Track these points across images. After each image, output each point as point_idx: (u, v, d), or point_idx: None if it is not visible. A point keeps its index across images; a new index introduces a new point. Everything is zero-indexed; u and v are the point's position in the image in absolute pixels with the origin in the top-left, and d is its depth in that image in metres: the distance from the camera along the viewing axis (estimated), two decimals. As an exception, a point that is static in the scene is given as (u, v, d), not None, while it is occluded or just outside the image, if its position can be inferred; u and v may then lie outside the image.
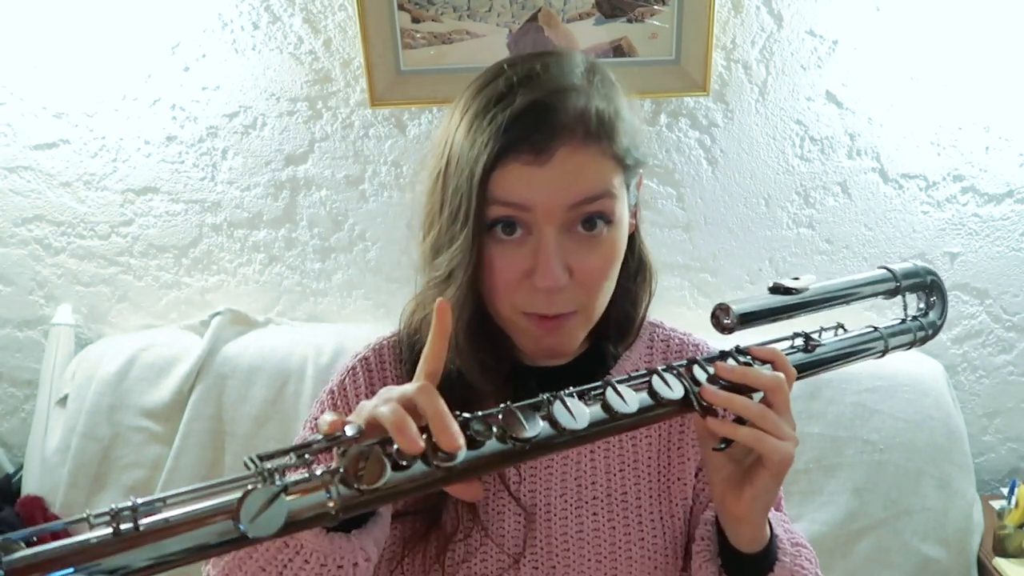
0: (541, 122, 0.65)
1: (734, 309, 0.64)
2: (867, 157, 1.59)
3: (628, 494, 0.79)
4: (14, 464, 1.85)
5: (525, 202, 0.65)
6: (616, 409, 0.57)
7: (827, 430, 1.49)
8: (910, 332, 0.75)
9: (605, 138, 0.67)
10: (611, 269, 0.70)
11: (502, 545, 0.76)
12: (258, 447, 1.59)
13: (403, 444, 0.50)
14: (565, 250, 0.67)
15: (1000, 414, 1.73)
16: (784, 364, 0.65)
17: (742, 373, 0.63)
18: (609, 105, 0.68)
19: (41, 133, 1.69)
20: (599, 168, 0.67)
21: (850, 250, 1.65)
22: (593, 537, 0.78)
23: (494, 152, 0.64)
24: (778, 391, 0.63)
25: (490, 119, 0.65)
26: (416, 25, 1.54)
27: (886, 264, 0.76)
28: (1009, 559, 1.46)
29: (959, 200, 1.61)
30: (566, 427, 0.55)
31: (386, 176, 1.67)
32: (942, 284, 0.78)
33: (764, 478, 0.63)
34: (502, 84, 0.67)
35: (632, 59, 1.54)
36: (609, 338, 0.80)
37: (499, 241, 0.68)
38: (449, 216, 0.69)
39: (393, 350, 0.82)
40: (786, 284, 0.68)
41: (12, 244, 1.78)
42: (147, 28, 1.60)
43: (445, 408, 0.52)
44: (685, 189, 1.64)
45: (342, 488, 0.49)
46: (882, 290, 0.74)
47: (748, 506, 0.65)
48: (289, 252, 1.75)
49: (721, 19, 1.52)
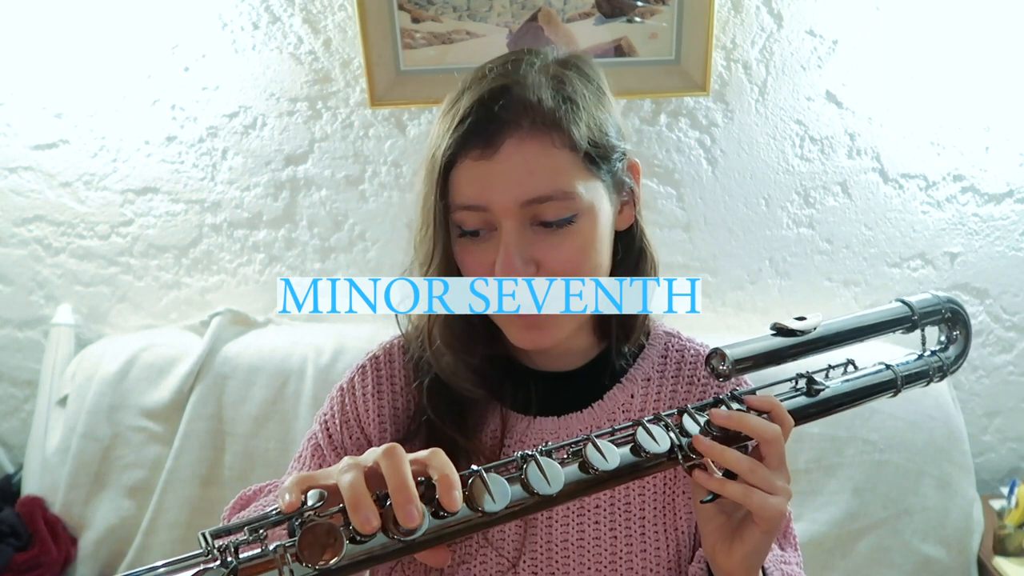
0: (487, 116, 0.65)
1: (729, 356, 0.60)
2: (867, 157, 1.59)
3: (632, 504, 0.78)
4: (14, 464, 1.85)
5: (481, 202, 0.66)
6: (595, 467, 0.54)
7: (827, 430, 1.49)
8: (926, 369, 0.69)
9: (553, 128, 0.65)
10: (583, 260, 0.69)
11: (500, 549, 0.76)
12: (258, 447, 1.59)
13: (357, 523, 0.48)
14: (528, 243, 0.67)
15: (1000, 414, 1.73)
16: (782, 415, 0.62)
17: (739, 420, 0.60)
18: (559, 95, 0.67)
19: (41, 133, 1.69)
20: (549, 160, 0.65)
21: (850, 250, 1.65)
22: (593, 545, 0.77)
23: (448, 150, 0.66)
24: (774, 443, 0.60)
25: (449, 116, 0.68)
26: (416, 25, 1.54)
27: (902, 297, 0.70)
28: (1009, 559, 1.46)
29: (959, 200, 1.61)
30: (539, 492, 0.53)
31: (386, 176, 1.67)
32: (965, 315, 0.71)
33: (755, 534, 0.61)
34: (462, 83, 0.70)
35: (632, 59, 1.54)
36: (615, 337, 0.80)
37: (468, 242, 0.70)
38: (423, 216, 0.71)
39: (403, 350, 0.82)
40: (789, 325, 0.63)
41: (12, 244, 1.78)
42: (147, 28, 1.60)
43: (407, 478, 0.50)
44: (685, 189, 1.64)
45: (296, 567, 0.47)
46: (898, 326, 0.68)
47: (739, 564, 0.62)
48: (289, 252, 1.75)
49: (721, 19, 1.52)
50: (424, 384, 0.77)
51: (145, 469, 1.62)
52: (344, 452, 0.81)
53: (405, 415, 0.80)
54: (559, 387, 0.79)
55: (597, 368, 0.80)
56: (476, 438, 0.76)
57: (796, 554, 0.83)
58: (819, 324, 0.63)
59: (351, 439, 0.81)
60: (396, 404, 0.80)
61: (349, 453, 0.80)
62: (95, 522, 1.62)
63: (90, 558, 1.61)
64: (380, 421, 0.80)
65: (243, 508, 0.79)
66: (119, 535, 1.62)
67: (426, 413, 0.77)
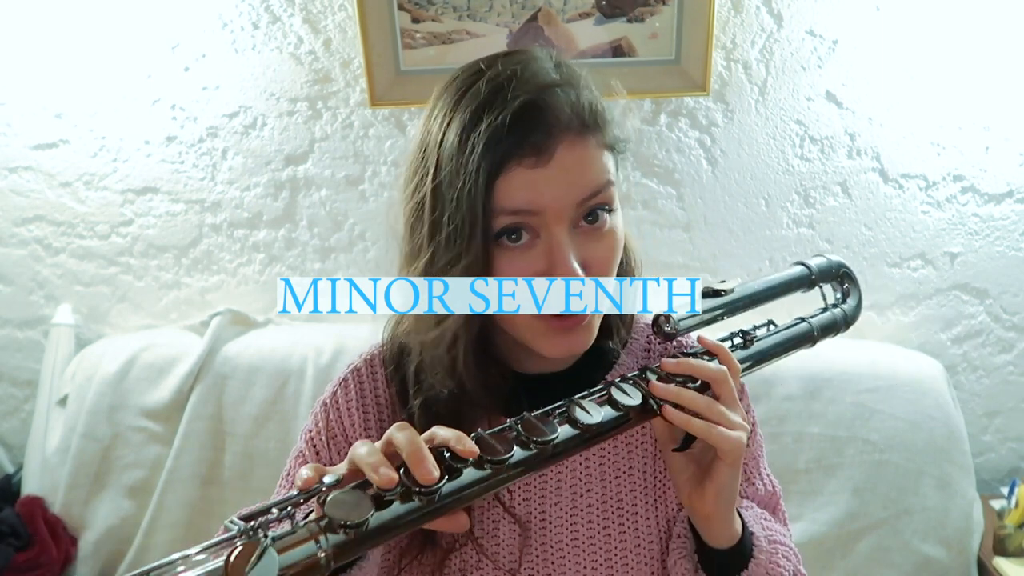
0: (538, 122, 0.64)
1: (674, 316, 0.68)
2: (867, 157, 1.59)
3: (623, 501, 0.78)
4: (14, 464, 1.86)
5: (533, 207, 0.64)
6: (583, 421, 0.60)
7: (827, 430, 1.49)
8: (834, 319, 0.80)
9: (598, 128, 0.67)
10: (617, 256, 0.70)
11: (498, 558, 0.76)
12: (258, 447, 1.59)
13: (378, 481, 0.51)
14: (576, 246, 0.66)
15: (1000, 414, 1.73)
16: (727, 357, 0.68)
17: (687, 365, 0.66)
18: (593, 94, 0.68)
19: (41, 133, 1.69)
20: (599, 159, 0.67)
21: (850, 250, 1.65)
22: (588, 545, 0.77)
23: (496, 160, 0.63)
24: (723, 382, 0.66)
25: (486, 127, 0.64)
26: (416, 25, 1.54)
27: (802, 260, 0.80)
28: (1009, 559, 1.46)
29: (959, 200, 1.61)
30: (541, 439, 0.57)
31: (386, 176, 1.67)
32: (853, 274, 0.84)
33: (722, 470, 0.65)
34: (486, 89, 0.66)
35: (632, 59, 1.54)
36: (610, 334, 0.80)
37: (506, 249, 0.66)
38: (451, 233, 0.66)
39: (384, 362, 0.81)
40: (715, 287, 0.72)
41: (12, 244, 1.78)
42: (147, 28, 1.60)
43: (419, 441, 0.53)
44: (685, 189, 1.64)
45: (330, 536, 0.49)
46: (800, 286, 0.79)
47: (713, 501, 0.67)
48: (289, 252, 1.76)
49: (721, 19, 1.52)
50: (414, 406, 0.74)
51: (145, 469, 1.62)
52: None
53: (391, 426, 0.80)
54: (549, 388, 0.79)
55: (587, 366, 0.79)
56: None
57: (786, 528, 0.85)
58: (737, 286, 0.73)
59: (339, 455, 0.79)
60: (382, 416, 0.79)
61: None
62: (95, 522, 1.62)
63: (90, 558, 1.61)
64: (366, 434, 0.79)
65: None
66: (119, 535, 1.62)
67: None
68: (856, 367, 1.53)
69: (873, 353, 1.57)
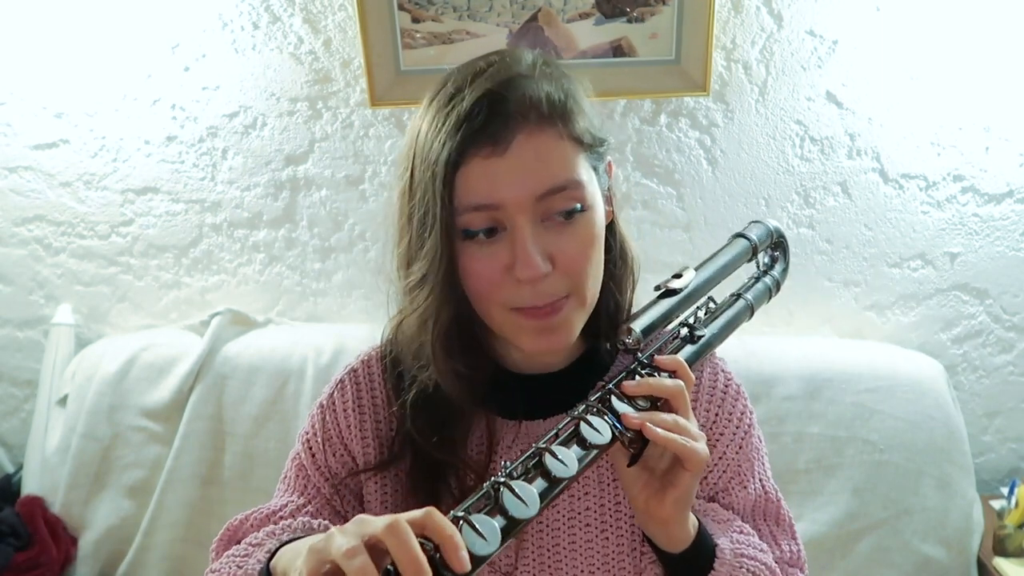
0: (494, 112, 0.64)
1: (636, 329, 0.68)
2: (867, 157, 1.59)
3: (621, 505, 0.78)
4: (14, 464, 1.86)
5: (493, 200, 0.65)
6: (559, 475, 0.59)
7: (827, 430, 1.49)
8: (766, 288, 0.82)
9: (559, 120, 0.66)
10: (592, 252, 0.70)
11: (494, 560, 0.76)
12: (258, 447, 1.59)
13: None
14: (542, 239, 0.66)
15: (1000, 414, 1.73)
16: (685, 372, 0.68)
17: (647, 386, 0.66)
18: (558, 88, 0.68)
19: (41, 133, 1.69)
20: (559, 152, 0.66)
21: (850, 250, 1.65)
22: (585, 549, 0.77)
23: (454, 149, 0.64)
24: (679, 397, 0.66)
25: (444, 117, 0.66)
26: (416, 25, 1.54)
27: (741, 232, 0.81)
28: (1009, 559, 1.46)
29: (959, 200, 1.61)
30: (520, 518, 0.55)
31: (386, 176, 1.67)
32: (785, 240, 0.85)
33: (686, 478, 0.66)
34: (452, 84, 0.68)
35: (632, 59, 1.54)
36: (602, 334, 0.80)
37: (473, 242, 0.67)
38: (419, 221, 0.68)
39: (381, 362, 0.81)
40: (671, 285, 0.72)
41: (12, 244, 1.78)
42: (147, 28, 1.60)
43: (417, 553, 0.48)
44: (685, 189, 1.64)
45: None
46: (746, 259, 0.81)
47: (672, 507, 0.67)
48: (289, 252, 1.76)
49: (721, 19, 1.52)
50: (407, 402, 0.75)
51: (145, 469, 1.62)
52: (328, 471, 0.80)
53: (388, 428, 0.79)
54: (545, 389, 0.79)
55: (582, 366, 0.80)
56: (463, 452, 0.76)
57: (795, 543, 0.84)
58: (692, 278, 0.73)
59: (335, 457, 0.80)
60: (379, 418, 0.79)
61: (333, 472, 0.80)
62: (95, 522, 1.62)
63: (90, 558, 1.61)
64: (363, 437, 0.79)
65: (231, 541, 0.77)
66: (119, 535, 1.62)
67: (411, 433, 0.75)
68: (856, 367, 1.53)
69: (873, 353, 1.57)
